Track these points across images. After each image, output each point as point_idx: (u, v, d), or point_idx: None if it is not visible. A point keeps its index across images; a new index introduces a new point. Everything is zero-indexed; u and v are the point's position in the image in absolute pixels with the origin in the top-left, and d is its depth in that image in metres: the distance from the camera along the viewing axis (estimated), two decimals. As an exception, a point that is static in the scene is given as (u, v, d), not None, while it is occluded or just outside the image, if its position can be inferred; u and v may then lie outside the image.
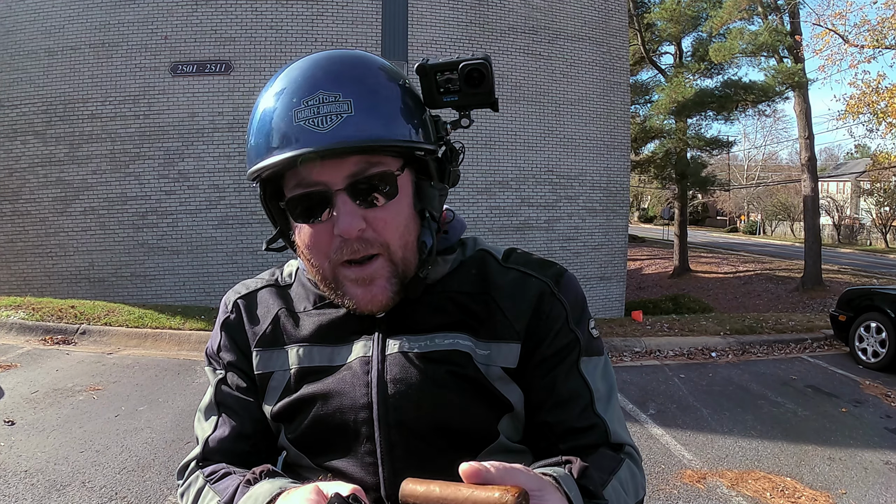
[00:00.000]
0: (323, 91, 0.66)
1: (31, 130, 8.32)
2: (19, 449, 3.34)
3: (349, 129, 0.65)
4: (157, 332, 6.13)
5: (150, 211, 8.40)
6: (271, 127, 0.68)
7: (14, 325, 6.20)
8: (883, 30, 10.18)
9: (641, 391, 4.87)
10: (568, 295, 0.77)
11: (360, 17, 8.61)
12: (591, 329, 0.78)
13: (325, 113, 0.65)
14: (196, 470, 0.77)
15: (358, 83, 0.68)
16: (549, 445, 0.73)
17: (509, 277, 0.78)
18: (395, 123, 0.69)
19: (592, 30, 9.87)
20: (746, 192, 38.32)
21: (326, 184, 0.67)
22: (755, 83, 16.23)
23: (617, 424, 0.75)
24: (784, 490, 3.18)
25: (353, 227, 0.66)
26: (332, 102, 0.66)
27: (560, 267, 0.80)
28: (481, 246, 0.83)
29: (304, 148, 0.65)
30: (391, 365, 0.73)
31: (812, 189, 14.39)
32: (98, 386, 4.54)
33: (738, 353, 6.29)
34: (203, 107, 8.38)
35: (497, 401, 0.73)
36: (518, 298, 0.76)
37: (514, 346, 0.74)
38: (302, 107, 0.66)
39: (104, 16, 8.22)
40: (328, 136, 0.65)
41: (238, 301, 0.82)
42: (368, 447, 0.72)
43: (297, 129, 0.66)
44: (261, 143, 0.69)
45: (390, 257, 0.70)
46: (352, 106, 0.66)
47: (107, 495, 2.88)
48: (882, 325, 5.68)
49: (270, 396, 0.77)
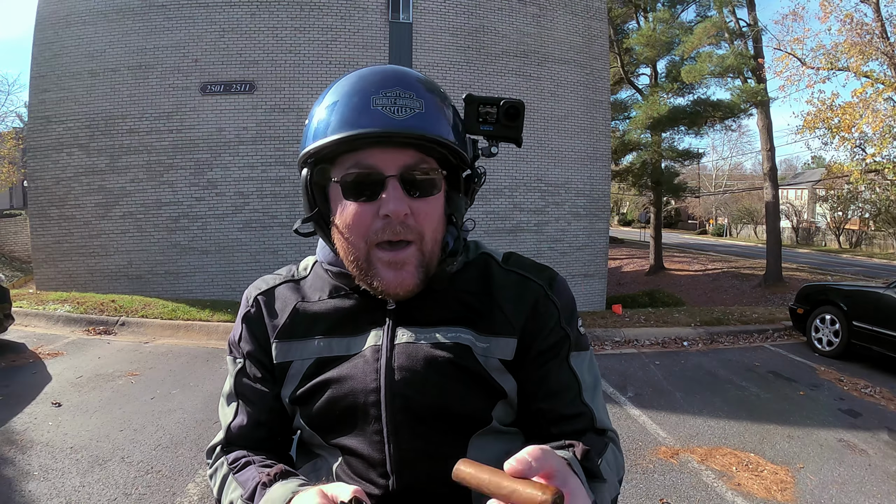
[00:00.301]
0: (400, 88, 0.68)
1: (76, 144, 8.32)
2: (65, 428, 3.35)
3: (420, 122, 0.67)
4: (189, 323, 6.13)
5: (182, 215, 8.39)
6: (347, 108, 0.68)
7: (61, 317, 6.21)
8: (836, 53, 10.17)
9: (621, 376, 4.87)
10: (560, 297, 0.78)
11: (369, 41, 8.61)
12: (580, 327, 0.79)
13: (401, 104, 0.67)
14: (221, 455, 0.77)
15: (428, 91, 0.71)
16: (542, 430, 0.74)
17: (510, 280, 0.78)
18: (454, 132, 0.72)
19: (577, 54, 9.87)
20: (714, 198, 38.29)
21: (381, 169, 0.68)
22: (722, 101, 16.23)
23: (601, 412, 0.76)
24: (748, 464, 3.18)
25: (401, 210, 0.67)
26: (408, 98, 0.68)
27: (552, 271, 0.81)
28: (483, 249, 0.83)
29: (381, 127, 0.66)
30: (399, 354, 0.73)
31: (773, 196, 14.38)
32: (135, 372, 4.54)
33: (707, 343, 6.28)
34: (230, 122, 8.38)
35: (493, 389, 0.74)
36: (517, 299, 0.76)
37: (511, 341, 0.74)
38: (380, 95, 0.67)
39: (141, 41, 8.23)
40: (402, 123, 0.66)
41: (258, 297, 0.82)
42: (376, 427, 0.72)
43: (374, 113, 0.67)
44: (333, 121, 0.69)
45: (421, 247, 0.70)
46: (423, 105, 0.68)
47: (143, 469, 2.88)
48: (835, 317, 5.68)
49: (290, 383, 0.77)
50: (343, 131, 0.67)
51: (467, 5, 9.09)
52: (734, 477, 3.02)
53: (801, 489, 2.91)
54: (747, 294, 14.97)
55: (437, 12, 8.93)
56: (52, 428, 3.34)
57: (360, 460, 0.73)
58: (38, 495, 2.57)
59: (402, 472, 0.71)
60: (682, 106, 17.08)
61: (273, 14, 8.35)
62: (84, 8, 8.24)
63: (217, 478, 0.76)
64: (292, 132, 8.37)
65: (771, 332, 6.70)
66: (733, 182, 40.02)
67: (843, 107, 9.90)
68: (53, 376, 4.32)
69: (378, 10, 8.65)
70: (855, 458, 3.30)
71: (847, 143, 10.54)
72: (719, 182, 40.65)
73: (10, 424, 3.37)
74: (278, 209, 8.44)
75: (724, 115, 16.39)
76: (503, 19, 9.29)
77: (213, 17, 8.26)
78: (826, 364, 5.41)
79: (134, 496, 2.61)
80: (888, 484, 2.99)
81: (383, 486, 0.71)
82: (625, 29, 19.26)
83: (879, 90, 9.38)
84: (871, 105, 9.47)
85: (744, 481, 2.97)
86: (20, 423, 3.40)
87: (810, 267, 18.88)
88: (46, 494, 2.58)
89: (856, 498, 2.83)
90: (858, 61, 9.77)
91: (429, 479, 0.71)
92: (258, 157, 8.39)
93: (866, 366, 5.30)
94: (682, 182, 21.10)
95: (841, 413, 4.10)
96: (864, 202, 25.48)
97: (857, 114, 9.64)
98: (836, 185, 24.80)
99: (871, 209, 25.59)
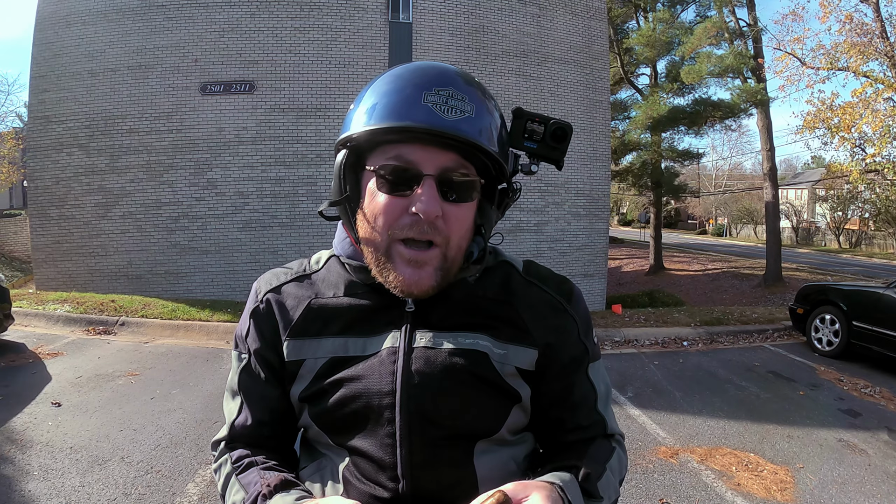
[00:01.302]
0: (454, 88, 0.67)
1: (76, 143, 8.32)
2: (65, 428, 3.35)
3: (468, 127, 0.66)
4: (189, 323, 6.13)
5: (181, 215, 8.39)
6: (397, 99, 0.67)
7: (60, 317, 6.20)
8: (836, 53, 10.17)
9: (621, 376, 4.87)
10: (578, 310, 0.80)
11: (369, 42, 8.60)
12: (594, 338, 0.82)
13: (452, 105, 0.66)
14: (226, 452, 0.78)
15: (481, 97, 0.70)
16: (557, 436, 0.79)
17: (531, 291, 0.79)
18: (498, 143, 0.71)
19: (577, 54, 9.87)
20: (714, 198, 38.29)
21: (421, 166, 0.67)
22: (722, 101, 16.23)
23: (611, 419, 0.80)
24: (748, 464, 3.18)
25: (433, 211, 0.66)
26: (460, 100, 0.67)
27: (570, 283, 0.82)
28: (503, 257, 0.83)
29: (429, 125, 0.65)
30: (417, 357, 0.72)
31: (773, 196, 14.38)
32: (135, 372, 4.54)
33: (707, 343, 6.28)
34: (229, 122, 8.38)
35: (508, 394, 0.74)
36: (537, 313, 0.77)
37: (531, 352, 0.75)
38: (433, 92, 0.66)
39: (141, 41, 8.22)
40: (451, 124, 0.65)
41: (269, 293, 0.80)
42: (389, 430, 0.71)
43: (424, 109, 0.66)
44: (380, 108, 0.68)
45: (445, 251, 0.70)
46: (474, 110, 0.67)
47: (143, 469, 2.88)
48: (835, 317, 5.68)
49: (300, 381, 0.76)
50: (390, 121, 0.66)
51: (467, 5, 9.08)
52: (734, 477, 3.02)
53: (801, 489, 2.91)
54: (747, 294, 14.97)
55: (437, 12, 8.92)
56: (51, 428, 3.33)
57: (369, 462, 0.72)
58: (38, 495, 2.57)
59: (413, 476, 0.70)
60: (681, 106, 17.08)
61: (273, 14, 8.35)
62: (84, 8, 8.23)
63: (221, 474, 0.77)
64: (292, 132, 8.36)
65: (771, 332, 6.70)
66: (733, 182, 40.02)
67: (843, 107, 9.89)
68: (53, 376, 4.31)
69: (378, 10, 8.64)
70: (855, 458, 3.30)
71: (847, 143, 10.53)
72: (719, 182, 40.65)
73: (9, 424, 3.37)
74: (278, 209, 8.44)
75: (724, 115, 16.39)
76: (503, 19, 9.29)
77: (213, 17, 8.25)
78: (826, 364, 5.41)
79: (134, 496, 2.61)
80: (888, 484, 2.99)
81: (392, 490, 0.71)
82: (625, 29, 19.26)
83: (879, 90, 9.37)
84: (870, 105, 9.46)
85: (743, 481, 2.97)
86: (20, 422, 3.40)
87: (810, 267, 18.88)
88: (46, 494, 2.57)
89: (856, 498, 2.83)
90: (858, 61, 9.77)
91: (438, 483, 0.71)
92: (258, 157, 8.38)
93: (866, 366, 5.30)
94: (681, 182, 21.09)
95: (841, 413, 4.09)
96: (864, 202, 25.50)
97: (856, 114, 9.63)
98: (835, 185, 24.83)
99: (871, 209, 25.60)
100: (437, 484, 0.71)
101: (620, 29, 19.00)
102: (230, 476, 0.75)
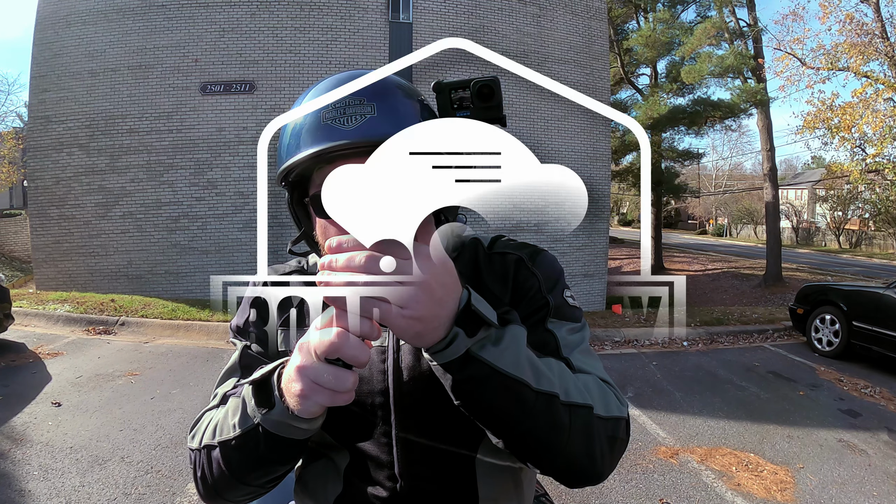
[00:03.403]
0: (351, 96, 0.65)
1: (76, 143, 8.31)
2: (65, 428, 3.35)
3: (372, 128, 0.64)
4: (188, 323, 6.13)
5: (182, 215, 8.39)
6: (300, 129, 0.67)
7: (61, 317, 6.20)
8: (836, 54, 10.17)
9: (621, 376, 4.87)
10: (541, 268, 0.76)
11: (369, 41, 8.60)
12: (567, 297, 0.75)
13: (350, 113, 0.65)
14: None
15: (380, 92, 0.67)
16: None
17: (493, 260, 0.77)
18: None
19: (577, 54, 9.87)
20: (714, 198, 38.27)
21: None
22: (722, 101, 16.20)
23: (589, 367, 0.68)
24: (748, 464, 3.18)
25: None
26: (357, 105, 0.65)
27: (537, 247, 0.79)
28: (473, 235, 0.82)
29: (330, 142, 0.64)
30: (405, 354, 0.72)
31: (773, 196, 14.37)
32: (135, 371, 4.54)
33: (707, 343, 6.28)
34: (230, 122, 8.38)
35: None
36: (498, 276, 0.75)
37: None
38: (329, 109, 0.65)
39: (141, 41, 8.22)
40: (353, 132, 0.64)
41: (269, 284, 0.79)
42: (384, 429, 0.71)
43: (324, 128, 0.65)
44: (291, 143, 0.68)
45: None
46: (375, 109, 0.65)
47: (143, 469, 2.88)
48: (835, 317, 5.68)
49: None
50: (298, 154, 0.66)
51: (467, 5, 9.08)
52: (734, 477, 3.02)
53: (801, 489, 2.91)
54: (747, 294, 14.96)
55: (437, 12, 8.92)
56: (51, 428, 3.34)
57: (368, 462, 0.72)
58: (38, 495, 2.57)
59: (409, 474, 0.70)
60: (682, 106, 17.06)
61: (273, 14, 8.35)
62: (84, 8, 8.23)
63: (199, 429, 0.72)
64: (292, 132, 8.35)
65: (771, 333, 6.70)
66: (733, 182, 39.99)
67: (843, 107, 9.89)
68: (53, 376, 4.32)
69: (378, 10, 8.65)
70: (855, 458, 3.30)
71: (847, 143, 10.53)
72: (719, 182, 40.61)
73: (9, 424, 3.37)
74: (278, 209, 8.38)
75: (724, 115, 16.37)
76: (503, 19, 9.29)
77: (213, 17, 8.25)
78: (826, 364, 5.41)
79: (134, 496, 2.61)
80: (888, 484, 2.99)
81: (391, 489, 0.70)
82: (625, 29, 19.24)
83: (879, 90, 9.37)
84: (871, 105, 9.47)
85: (743, 481, 2.97)
86: (20, 422, 3.40)
87: (810, 267, 18.88)
88: (46, 494, 2.58)
89: (855, 498, 2.83)
90: (858, 61, 9.77)
91: (436, 481, 0.71)
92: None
93: (866, 366, 5.30)
94: (681, 182, 21.06)
95: (841, 413, 4.09)
96: (864, 202, 25.46)
97: (857, 114, 9.63)
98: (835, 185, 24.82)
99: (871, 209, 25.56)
100: (434, 481, 0.71)
101: (620, 29, 18.99)
102: (212, 413, 0.72)
